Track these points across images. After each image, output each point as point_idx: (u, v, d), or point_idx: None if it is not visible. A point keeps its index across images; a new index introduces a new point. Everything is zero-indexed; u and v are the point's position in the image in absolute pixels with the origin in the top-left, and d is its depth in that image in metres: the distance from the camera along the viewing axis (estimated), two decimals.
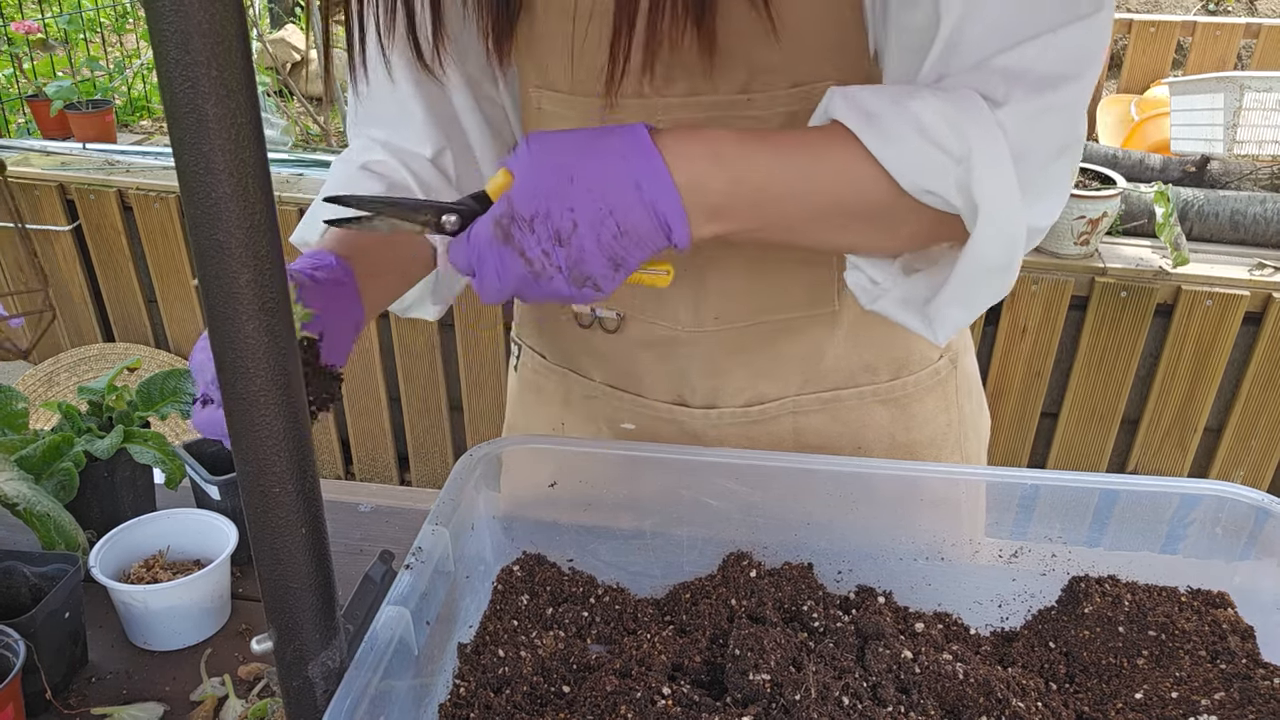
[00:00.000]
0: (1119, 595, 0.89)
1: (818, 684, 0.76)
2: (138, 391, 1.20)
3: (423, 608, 0.77)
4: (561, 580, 0.94)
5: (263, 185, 0.53)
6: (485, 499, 0.93)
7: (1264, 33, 4.21)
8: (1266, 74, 2.79)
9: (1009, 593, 0.93)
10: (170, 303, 2.98)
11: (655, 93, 0.87)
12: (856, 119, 0.72)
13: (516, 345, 1.18)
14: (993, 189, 0.71)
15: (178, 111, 0.50)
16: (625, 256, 0.69)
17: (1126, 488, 0.90)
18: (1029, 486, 0.91)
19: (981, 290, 0.77)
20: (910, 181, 0.72)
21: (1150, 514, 0.90)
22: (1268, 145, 2.71)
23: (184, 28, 0.48)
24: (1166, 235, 2.32)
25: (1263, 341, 2.34)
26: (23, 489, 1.01)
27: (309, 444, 0.62)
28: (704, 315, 0.98)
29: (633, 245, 0.69)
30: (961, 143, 0.70)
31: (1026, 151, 0.72)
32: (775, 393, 1.02)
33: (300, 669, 0.68)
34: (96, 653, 1.02)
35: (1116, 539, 0.91)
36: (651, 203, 0.68)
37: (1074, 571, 0.92)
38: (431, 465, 3.01)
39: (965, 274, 0.75)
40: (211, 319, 0.55)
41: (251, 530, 0.63)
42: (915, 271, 0.81)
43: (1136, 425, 2.53)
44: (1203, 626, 0.87)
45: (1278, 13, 6.06)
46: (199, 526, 1.10)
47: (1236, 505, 0.88)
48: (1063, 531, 0.91)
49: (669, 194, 0.68)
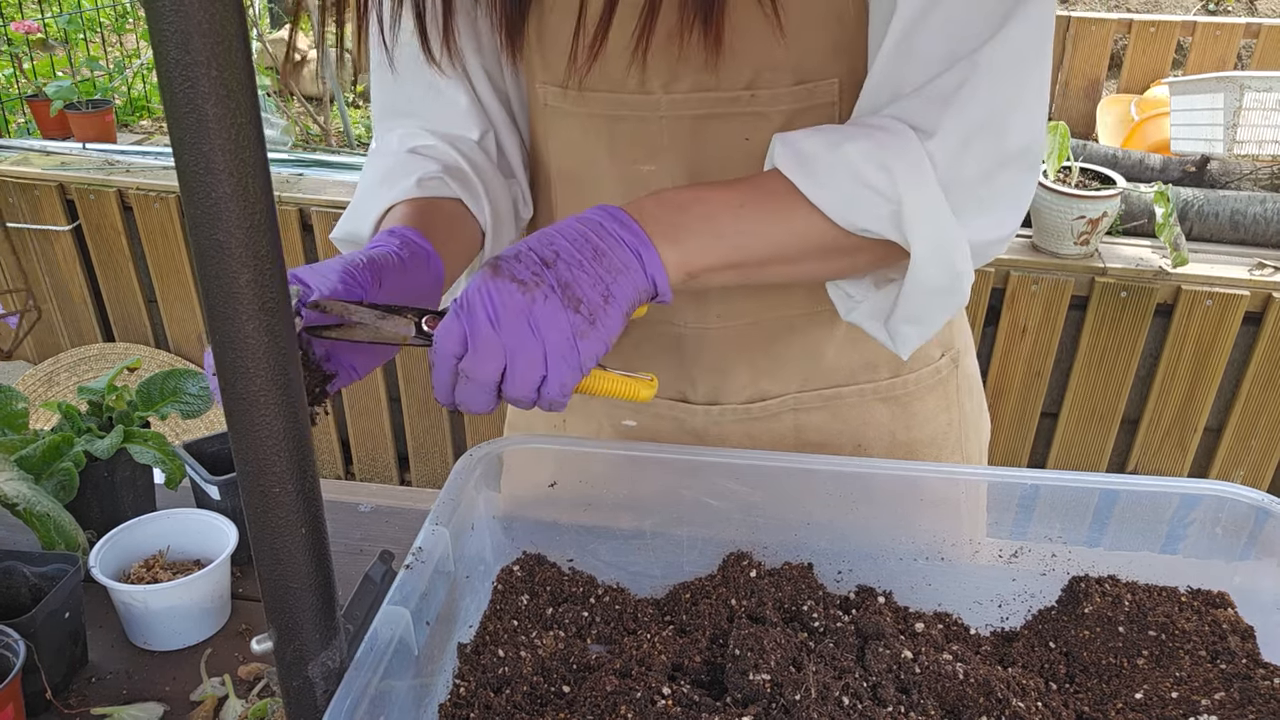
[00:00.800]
0: (1119, 595, 0.89)
1: (818, 684, 0.76)
2: (138, 391, 1.20)
3: (423, 608, 0.77)
4: (561, 580, 0.94)
5: (263, 185, 0.53)
6: (485, 499, 0.93)
7: (1264, 33, 4.21)
8: (1266, 74, 2.79)
9: (1009, 593, 0.93)
10: (170, 303, 2.98)
11: (662, 89, 0.87)
12: (792, 165, 0.78)
13: None
14: (923, 221, 0.76)
15: (178, 111, 0.50)
16: (611, 284, 0.72)
17: (1126, 488, 0.90)
18: (1029, 486, 0.91)
19: (931, 309, 0.83)
20: (846, 221, 0.78)
21: (1150, 514, 0.90)
22: (1268, 145, 2.71)
23: (184, 28, 0.48)
24: (1166, 235, 2.32)
25: (1263, 341, 2.34)
26: (23, 489, 1.01)
27: (309, 444, 0.62)
28: (707, 313, 0.98)
29: (615, 272, 0.72)
30: (890, 182, 0.76)
31: (956, 178, 0.77)
32: (776, 390, 1.02)
33: (300, 669, 0.68)
34: (96, 653, 1.02)
35: (1116, 539, 0.91)
36: (619, 235, 0.74)
37: (1074, 571, 0.92)
38: (431, 465, 3.01)
39: (911, 295, 0.81)
40: (211, 319, 0.55)
41: (251, 530, 0.63)
42: (889, 283, 0.85)
43: (1136, 425, 2.53)
44: (1203, 626, 0.87)
45: (1278, 13, 6.06)
46: (199, 526, 1.10)
47: (1236, 505, 0.88)
48: (1063, 531, 0.91)
49: (631, 225, 0.75)
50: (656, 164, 0.91)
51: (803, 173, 0.78)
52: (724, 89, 0.86)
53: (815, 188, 0.77)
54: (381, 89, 1.00)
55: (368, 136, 5.29)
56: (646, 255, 0.74)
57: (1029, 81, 0.78)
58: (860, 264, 0.84)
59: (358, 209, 0.95)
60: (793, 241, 0.79)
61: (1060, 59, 4.38)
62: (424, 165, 0.93)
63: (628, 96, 0.89)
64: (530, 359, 0.70)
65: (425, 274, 0.83)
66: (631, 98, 0.89)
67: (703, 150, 0.90)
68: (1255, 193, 2.52)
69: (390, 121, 1.01)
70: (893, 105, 0.80)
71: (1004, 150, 0.78)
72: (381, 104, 1.01)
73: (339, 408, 3.02)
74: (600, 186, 0.95)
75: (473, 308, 0.70)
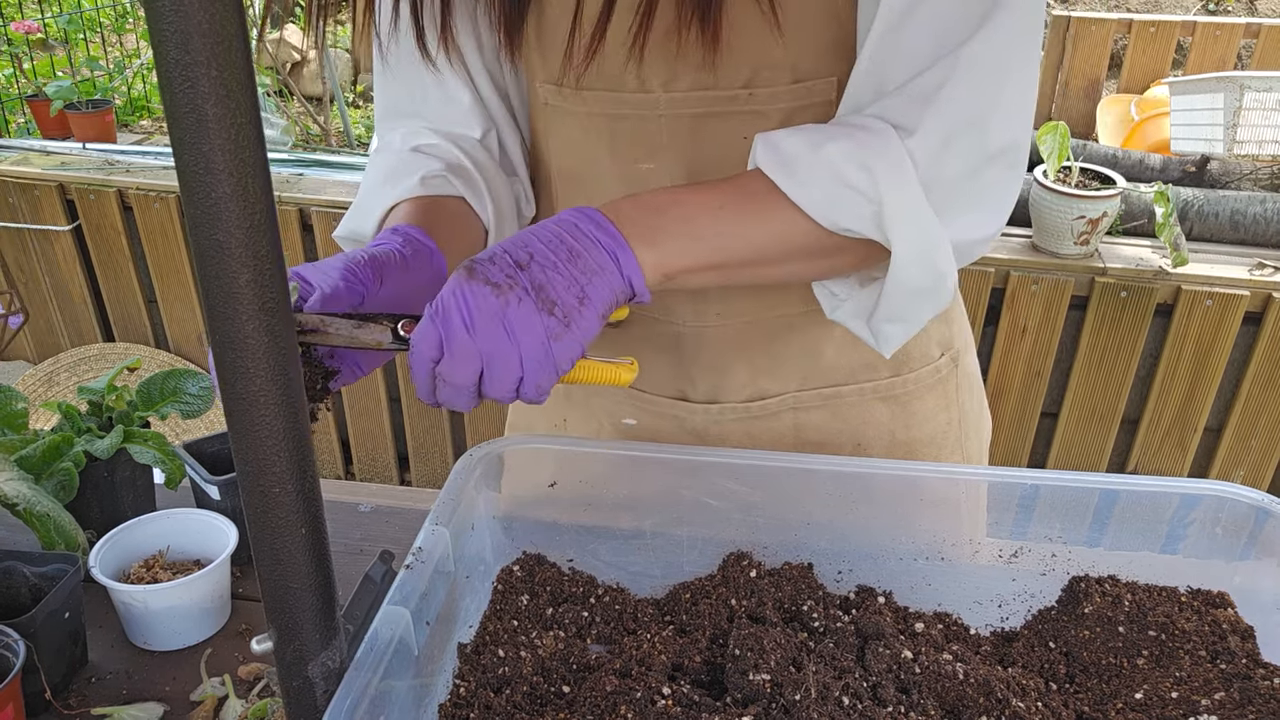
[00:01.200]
0: (1119, 595, 0.89)
1: (818, 684, 0.76)
2: (138, 391, 1.20)
3: (423, 608, 0.77)
4: (561, 580, 0.94)
5: (263, 185, 0.53)
6: (485, 499, 0.93)
7: (1264, 33, 4.21)
8: (1266, 74, 2.79)
9: (1009, 593, 0.93)
10: (170, 303, 2.98)
11: (661, 88, 0.87)
12: (774, 166, 0.78)
13: None
14: (904, 221, 0.76)
15: (178, 111, 0.50)
16: (586, 285, 0.72)
17: (1126, 488, 0.90)
18: (1029, 486, 0.91)
19: (913, 309, 0.83)
20: (829, 221, 0.78)
21: (1150, 514, 0.90)
22: (1268, 145, 2.71)
23: (184, 28, 0.48)
24: (1166, 235, 2.32)
25: (1263, 341, 2.34)
26: (23, 489, 1.01)
27: (309, 444, 0.62)
28: (706, 312, 0.98)
29: (590, 274, 0.72)
30: (871, 181, 0.76)
31: (938, 177, 0.77)
32: (776, 389, 1.02)
33: (300, 669, 0.68)
34: (96, 653, 1.02)
35: (1116, 539, 0.91)
36: (595, 236, 0.74)
37: (1074, 571, 0.92)
38: (431, 465, 3.01)
39: (893, 295, 0.81)
40: (211, 319, 0.55)
41: (251, 530, 0.63)
42: (872, 281, 0.85)
43: (1136, 425, 2.53)
44: (1203, 626, 0.87)
45: (1278, 13, 6.06)
46: (199, 526, 1.10)
47: (1236, 505, 0.88)
48: (1063, 531, 0.91)
49: (607, 226, 0.74)
50: (656, 162, 0.91)
51: (784, 173, 0.78)
52: (722, 87, 0.86)
53: (796, 187, 0.77)
54: (384, 88, 1.01)
55: (368, 136, 5.29)
56: (623, 257, 0.73)
57: (1012, 80, 0.77)
58: (842, 264, 0.84)
59: (361, 207, 0.95)
60: (773, 242, 0.79)
61: (1060, 59, 4.38)
62: (427, 163, 0.93)
63: (627, 95, 0.89)
64: (506, 363, 0.71)
65: (427, 271, 0.83)
66: (631, 96, 0.89)
67: (702, 149, 0.90)
68: (1255, 193, 2.52)
69: (393, 121, 1.01)
70: (876, 104, 0.79)
71: (986, 149, 0.78)
72: (384, 103, 1.02)
73: (339, 408, 3.02)
74: (600, 185, 0.95)
75: (448, 312, 0.70)
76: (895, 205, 0.76)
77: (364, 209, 0.94)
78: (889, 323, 0.84)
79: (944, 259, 0.79)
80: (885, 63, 0.79)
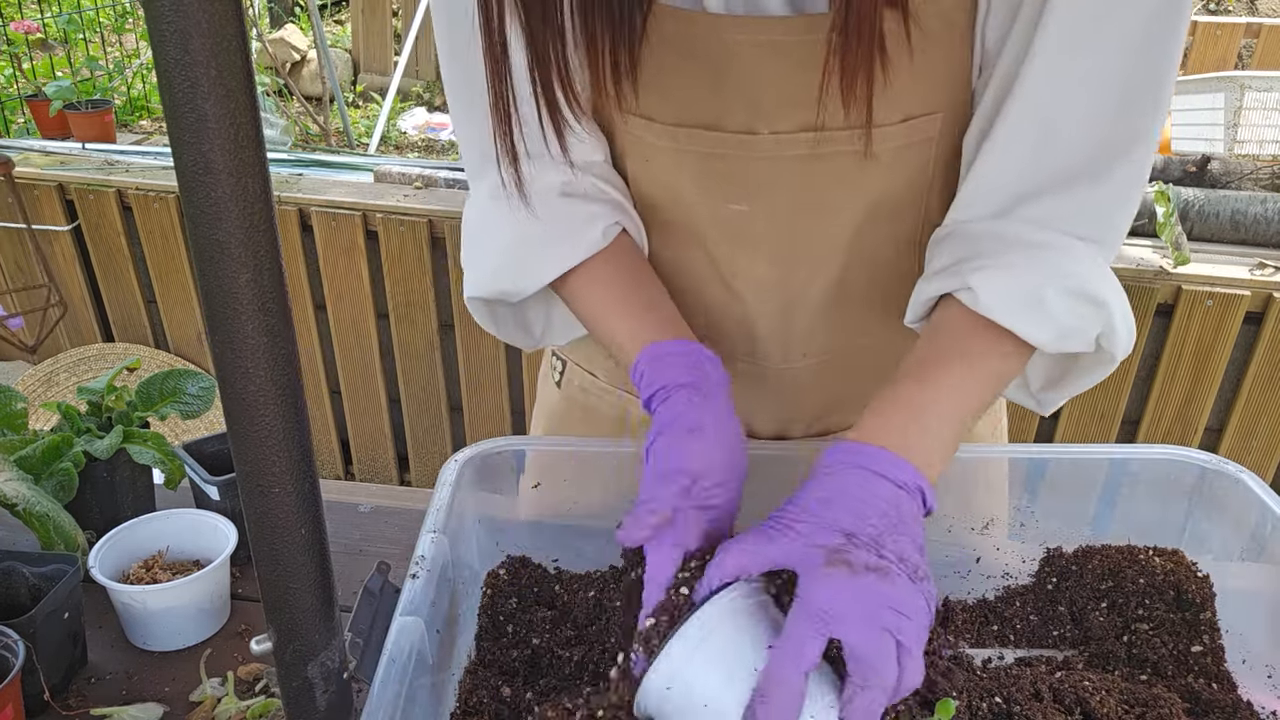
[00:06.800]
0: (1089, 561, 0.92)
1: None
2: (137, 392, 1.20)
3: (433, 616, 0.78)
4: (548, 581, 0.94)
5: (263, 185, 0.53)
6: (470, 503, 0.93)
7: (1264, 33, 4.21)
8: (1267, 74, 2.79)
9: (982, 570, 0.94)
10: (170, 303, 2.98)
11: (767, 128, 0.81)
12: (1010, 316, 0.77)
13: (560, 360, 1.12)
14: (1124, 330, 0.79)
15: (177, 111, 0.50)
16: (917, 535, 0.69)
17: (1068, 456, 0.95)
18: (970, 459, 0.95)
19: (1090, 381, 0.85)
20: (1055, 349, 0.79)
21: (1087, 481, 0.95)
22: (1268, 145, 2.71)
23: (184, 28, 0.48)
24: (1167, 235, 2.32)
25: (1263, 341, 2.34)
26: (22, 489, 1.01)
27: (309, 444, 0.62)
28: (793, 353, 0.96)
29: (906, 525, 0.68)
30: (1097, 314, 0.77)
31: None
32: (840, 423, 1.01)
33: (300, 669, 0.68)
34: (96, 653, 1.02)
35: (1074, 508, 0.95)
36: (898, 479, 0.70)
37: (1050, 544, 0.95)
38: (431, 465, 3.01)
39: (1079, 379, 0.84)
40: (211, 319, 0.55)
41: (251, 530, 0.63)
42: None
43: (1136, 425, 2.53)
44: (1162, 580, 0.91)
45: (1278, 13, 6.06)
46: (199, 527, 1.10)
47: (1188, 466, 0.93)
48: (1030, 503, 0.95)
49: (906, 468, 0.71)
50: (751, 205, 0.86)
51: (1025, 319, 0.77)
52: (830, 127, 0.80)
53: (1030, 328, 0.77)
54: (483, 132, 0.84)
55: (367, 136, 5.28)
56: (928, 495, 0.72)
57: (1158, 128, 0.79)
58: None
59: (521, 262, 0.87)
60: (1002, 385, 0.81)
61: None
62: (588, 208, 0.87)
63: (728, 135, 0.82)
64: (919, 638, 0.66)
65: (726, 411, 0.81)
66: (732, 136, 0.82)
67: (802, 192, 0.85)
68: (1256, 193, 2.52)
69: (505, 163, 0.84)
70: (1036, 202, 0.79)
71: None
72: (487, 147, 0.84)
73: (339, 408, 3.02)
74: (686, 224, 0.90)
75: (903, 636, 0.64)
76: (1117, 318, 0.78)
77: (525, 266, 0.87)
78: (1055, 392, 0.86)
79: None
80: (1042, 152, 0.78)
